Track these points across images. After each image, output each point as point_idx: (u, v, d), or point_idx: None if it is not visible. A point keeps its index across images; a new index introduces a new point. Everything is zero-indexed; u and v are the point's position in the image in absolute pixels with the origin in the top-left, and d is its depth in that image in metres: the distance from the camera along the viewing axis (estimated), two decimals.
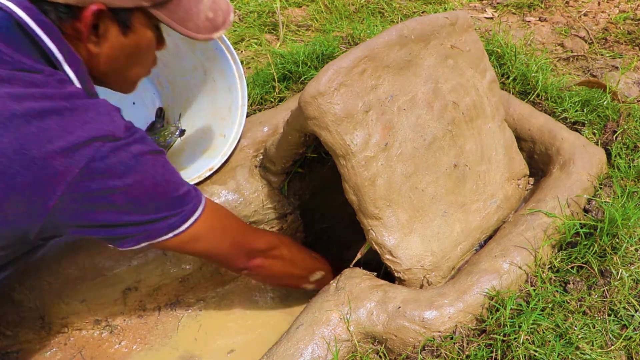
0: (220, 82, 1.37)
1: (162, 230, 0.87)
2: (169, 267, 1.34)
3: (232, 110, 1.36)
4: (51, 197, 0.73)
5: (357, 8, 2.10)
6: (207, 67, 1.38)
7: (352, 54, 1.04)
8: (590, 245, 1.11)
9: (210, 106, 1.43)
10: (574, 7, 2.14)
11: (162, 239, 0.88)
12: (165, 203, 0.86)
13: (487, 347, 0.97)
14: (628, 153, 1.38)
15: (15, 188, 0.71)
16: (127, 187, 0.79)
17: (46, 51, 0.77)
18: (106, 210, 0.79)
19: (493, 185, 1.26)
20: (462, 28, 1.24)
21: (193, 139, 1.46)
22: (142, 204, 0.82)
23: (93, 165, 0.74)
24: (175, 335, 1.36)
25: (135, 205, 0.82)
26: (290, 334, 1.01)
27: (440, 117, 1.17)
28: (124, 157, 0.77)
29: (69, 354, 1.28)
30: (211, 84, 1.40)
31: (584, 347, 0.95)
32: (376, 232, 1.09)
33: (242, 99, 1.34)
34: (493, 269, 1.06)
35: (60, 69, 0.79)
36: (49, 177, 0.72)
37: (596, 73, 1.74)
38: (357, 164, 1.04)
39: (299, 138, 1.19)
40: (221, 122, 1.39)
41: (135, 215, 0.83)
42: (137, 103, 1.51)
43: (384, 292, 1.04)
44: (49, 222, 0.76)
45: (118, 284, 1.29)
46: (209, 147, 1.39)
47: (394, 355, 1.00)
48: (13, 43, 0.75)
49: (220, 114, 1.40)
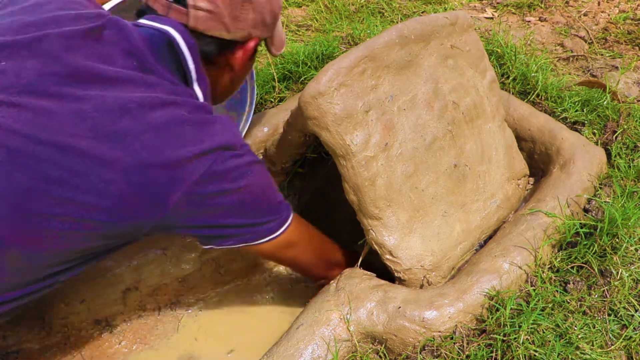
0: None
1: (261, 233, 0.97)
2: (169, 267, 1.34)
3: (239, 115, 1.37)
4: (174, 195, 0.81)
5: (357, 8, 2.10)
6: None
7: (352, 54, 1.04)
8: (590, 245, 1.11)
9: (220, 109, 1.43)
10: (574, 7, 2.14)
11: (259, 242, 0.98)
12: (267, 208, 0.96)
13: (487, 347, 0.97)
14: (628, 153, 1.38)
15: (147, 183, 0.79)
16: (239, 190, 0.88)
17: (185, 70, 0.90)
18: (217, 212, 0.88)
19: (493, 185, 1.26)
20: (462, 28, 1.24)
21: None
22: (249, 208, 0.92)
23: (213, 169, 0.84)
24: (175, 335, 1.36)
25: (243, 209, 0.91)
26: (290, 334, 1.01)
27: (441, 117, 1.17)
28: (238, 164, 0.88)
29: (68, 354, 1.28)
30: None
31: (584, 347, 0.95)
32: (376, 232, 1.09)
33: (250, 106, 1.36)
34: (493, 269, 1.06)
35: (190, 86, 0.92)
36: (177, 177, 0.81)
37: (596, 73, 1.74)
38: (357, 164, 1.04)
39: (299, 138, 1.19)
40: None
41: (241, 218, 0.92)
42: None
43: (384, 292, 1.04)
44: (165, 218, 0.83)
45: (118, 284, 1.29)
46: None
47: (394, 355, 1.00)
48: (161, 58, 0.87)
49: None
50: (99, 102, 0.78)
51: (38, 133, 0.76)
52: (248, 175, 0.89)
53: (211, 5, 0.90)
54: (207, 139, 0.84)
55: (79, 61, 0.80)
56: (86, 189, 0.76)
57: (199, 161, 0.82)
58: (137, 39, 0.86)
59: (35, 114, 0.76)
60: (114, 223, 0.81)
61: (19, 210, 0.75)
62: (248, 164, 0.89)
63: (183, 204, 0.83)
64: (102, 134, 0.77)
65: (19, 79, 0.78)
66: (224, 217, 0.90)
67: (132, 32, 0.86)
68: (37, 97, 0.77)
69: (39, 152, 0.75)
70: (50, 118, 0.76)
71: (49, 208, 0.76)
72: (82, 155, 0.76)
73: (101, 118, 0.78)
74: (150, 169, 0.79)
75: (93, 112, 0.78)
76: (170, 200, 0.81)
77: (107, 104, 0.79)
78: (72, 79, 0.79)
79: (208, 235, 0.94)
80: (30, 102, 0.77)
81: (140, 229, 0.85)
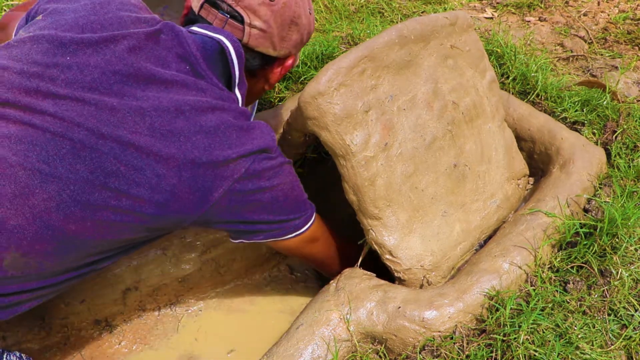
0: None
1: (289, 229, 1.04)
2: (169, 267, 1.34)
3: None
4: (218, 190, 0.88)
5: (357, 8, 2.10)
6: None
7: (352, 54, 1.04)
8: (590, 245, 1.11)
9: None
10: (573, 7, 2.14)
11: (287, 237, 1.04)
12: (296, 205, 1.03)
13: (487, 347, 0.97)
14: (628, 153, 1.38)
15: (196, 180, 0.85)
16: (273, 187, 0.95)
17: (232, 76, 0.97)
18: (253, 208, 0.95)
19: (493, 185, 1.26)
20: (462, 28, 1.24)
21: None
22: (281, 205, 0.99)
23: (253, 168, 0.91)
24: (175, 335, 1.36)
25: (276, 205, 0.98)
26: (290, 334, 1.01)
27: (440, 117, 1.17)
28: (273, 165, 0.95)
29: (68, 354, 1.28)
30: None
31: (584, 347, 0.95)
32: (376, 232, 1.09)
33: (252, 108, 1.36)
34: (493, 269, 1.06)
35: (232, 90, 0.99)
36: (222, 173, 0.87)
37: (596, 73, 1.74)
38: (357, 164, 1.04)
39: (298, 138, 1.19)
40: None
41: (273, 214, 0.99)
42: None
43: (384, 292, 1.04)
44: (206, 213, 0.90)
45: (118, 284, 1.29)
46: None
47: (394, 355, 1.00)
48: (211, 63, 0.93)
49: None
50: (157, 102, 0.84)
51: (101, 127, 0.81)
52: (280, 174, 0.96)
53: (265, 25, 0.98)
54: (249, 143, 0.91)
55: (140, 62, 0.86)
56: (141, 182, 0.82)
57: (241, 162, 0.89)
58: (191, 45, 0.91)
59: (98, 109, 0.82)
60: (161, 216, 0.86)
61: (77, 200, 0.80)
62: (280, 165, 0.97)
63: (224, 200, 0.90)
64: (158, 133, 0.83)
65: (83, 75, 0.83)
66: (258, 213, 0.97)
67: (187, 38, 0.92)
68: (100, 93, 0.83)
69: (101, 145, 0.81)
70: (112, 114, 0.82)
71: (105, 200, 0.81)
72: (140, 150, 0.82)
73: (158, 117, 0.84)
74: (200, 167, 0.85)
75: (151, 111, 0.84)
76: (213, 196, 0.88)
77: (163, 104, 0.85)
78: (133, 79, 0.85)
79: (242, 230, 1.00)
80: (94, 97, 0.82)
81: (183, 223, 0.91)
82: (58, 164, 0.79)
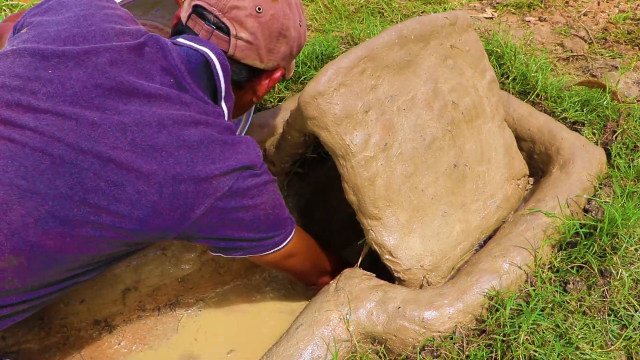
0: None
1: (268, 246, 1.02)
2: (169, 267, 1.34)
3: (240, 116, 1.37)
4: (200, 207, 0.86)
5: (357, 8, 2.10)
6: None
7: (352, 54, 1.04)
8: (590, 245, 1.11)
9: None
10: (573, 7, 2.14)
11: (265, 253, 1.03)
12: (277, 223, 1.01)
13: (487, 347, 0.97)
14: (628, 153, 1.38)
15: (177, 196, 0.84)
16: (256, 206, 0.94)
17: (217, 89, 0.95)
18: (234, 226, 0.94)
19: (493, 185, 1.26)
20: (461, 28, 1.24)
21: None
22: (261, 223, 0.97)
23: (236, 186, 0.89)
24: (174, 335, 1.36)
25: (257, 224, 0.96)
26: (290, 334, 1.01)
27: (440, 117, 1.17)
28: (257, 183, 0.93)
29: (68, 355, 1.28)
30: None
31: (584, 347, 0.95)
32: (376, 232, 1.09)
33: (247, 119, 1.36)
34: (493, 269, 1.06)
35: (218, 103, 0.97)
36: (204, 190, 0.86)
37: (596, 73, 1.74)
38: (356, 164, 1.04)
39: (298, 138, 1.19)
40: None
41: (253, 232, 0.97)
42: None
43: (383, 292, 1.04)
44: (188, 229, 0.88)
45: (117, 284, 1.29)
46: None
47: (394, 355, 1.00)
48: (196, 76, 0.92)
49: None
50: (138, 117, 0.83)
51: (81, 142, 0.80)
52: (264, 193, 0.95)
53: (251, 37, 0.96)
54: (233, 158, 0.89)
55: (122, 76, 0.84)
56: (121, 198, 0.81)
57: (225, 178, 0.88)
58: (176, 57, 0.90)
59: (78, 124, 0.80)
60: (141, 232, 0.85)
61: (56, 215, 0.78)
62: (265, 183, 0.95)
63: (205, 217, 0.88)
64: (140, 148, 0.82)
65: (64, 89, 0.82)
66: (239, 230, 0.95)
67: (171, 51, 0.90)
68: (82, 107, 0.81)
69: (81, 160, 0.79)
70: (93, 129, 0.80)
71: (84, 216, 0.80)
72: (120, 167, 0.80)
73: (140, 132, 0.82)
74: (181, 184, 0.83)
75: (133, 126, 0.82)
76: (195, 213, 0.86)
77: (145, 119, 0.83)
78: (115, 92, 0.83)
79: (222, 246, 0.99)
80: (75, 111, 0.81)
81: (164, 238, 0.90)
82: (37, 179, 0.77)
